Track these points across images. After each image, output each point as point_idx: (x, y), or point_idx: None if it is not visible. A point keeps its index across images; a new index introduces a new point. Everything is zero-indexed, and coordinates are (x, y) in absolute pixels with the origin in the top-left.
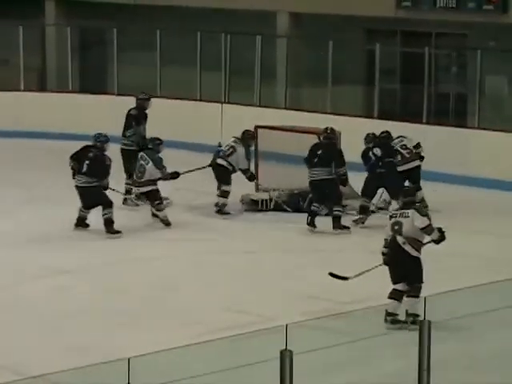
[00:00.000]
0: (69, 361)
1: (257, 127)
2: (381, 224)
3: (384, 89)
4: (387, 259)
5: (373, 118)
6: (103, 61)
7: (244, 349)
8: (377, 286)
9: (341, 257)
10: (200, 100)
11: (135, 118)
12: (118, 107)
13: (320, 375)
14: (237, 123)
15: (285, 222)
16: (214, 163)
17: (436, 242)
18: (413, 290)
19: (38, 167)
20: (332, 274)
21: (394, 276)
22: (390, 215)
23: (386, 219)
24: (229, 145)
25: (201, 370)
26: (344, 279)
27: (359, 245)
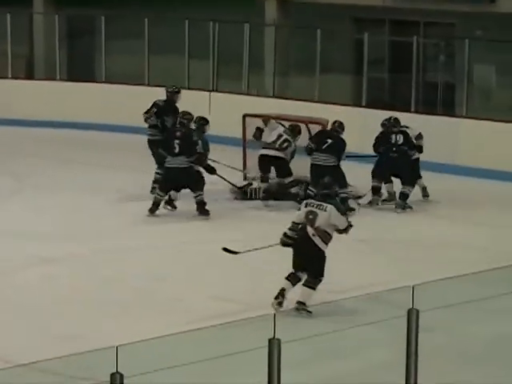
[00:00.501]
0: (57, 349)
1: (245, 116)
2: (371, 213)
3: (372, 78)
4: (294, 246)
5: (361, 107)
6: (91, 49)
7: (232, 337)
8: (366, 276)
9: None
10: (188, 88)
11: (159, 110)
12: (106, 95)
13: (308, 364)
14: (225, 112)
15: (272, 211)
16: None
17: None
18: (312, 282)
19: (26, 155)
20: (225, 249)
21: (297, 264)
22: (306, 203)
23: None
24: (281, 137)
25: (189, 359)
26: (234, 253)
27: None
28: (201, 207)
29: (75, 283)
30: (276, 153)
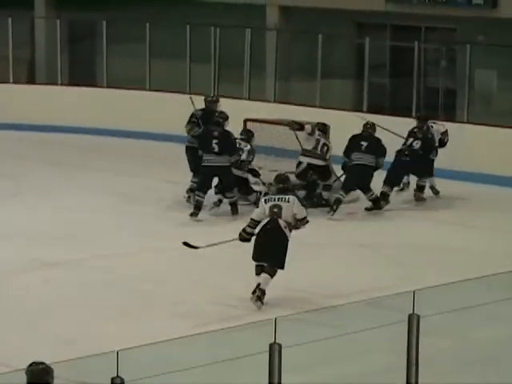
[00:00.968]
0: (57, 353)
1: (246, 120)
2: (371, 218)
3: (373, 83)
4: (262, 237)
5: (362, 112)
6: (92, 53)
7: (233, 342)
8: (366, 281)
9: (327, 250)
10: (189, 93)
11: (200, 120)
12: (108, 100)
13: (308, 369)
14: None
15: None
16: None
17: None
18: (271, 271)
19: (27, 159)
20: (185, 243)
21: (260, 255)
22: (266, 199)
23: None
24: (319, 143)
25: (189, 364)
26: (195, 248)
27: (347, 237)
28: (234, 208)
29: (76, 286)
30: (319, 161)
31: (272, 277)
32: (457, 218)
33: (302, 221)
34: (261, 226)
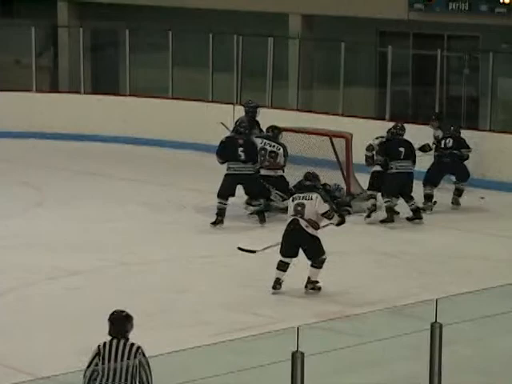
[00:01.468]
0: (80, 362)
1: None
2: (394, 226)
3: (396, 91)
4: (287, 236)
5: (384, 120)
6: (115, 62)
7: (255, 350)
8: (388, 289)
9: (350, 258)
10: (212, 101)
11: (247, 126)
12: (130, 108)
13: (331, 377)
14: None
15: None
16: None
17: (336, 225)
18: (317, 262)
19: (50, 168)
20: (240, 248)
21: (287, 252)
22: (293, 197)
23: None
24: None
25: (212, 372)
26: (252, 252)
27: (370, 246)
28: (261, 216)
29: (98, 295)
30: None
31: (321, 267)
32: (478, 227)
33: (325, 214)
34: (286, 225)
